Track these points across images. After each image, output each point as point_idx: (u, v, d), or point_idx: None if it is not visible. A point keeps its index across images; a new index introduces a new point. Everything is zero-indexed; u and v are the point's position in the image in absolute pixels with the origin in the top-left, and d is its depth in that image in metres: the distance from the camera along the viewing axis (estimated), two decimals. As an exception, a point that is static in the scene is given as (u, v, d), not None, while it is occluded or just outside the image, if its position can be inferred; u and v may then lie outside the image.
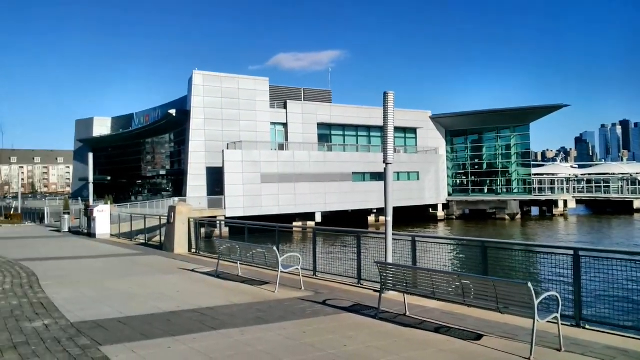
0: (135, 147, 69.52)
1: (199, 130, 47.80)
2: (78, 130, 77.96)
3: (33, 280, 11.34)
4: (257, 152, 46.43)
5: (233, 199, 43.99)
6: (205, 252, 16.43)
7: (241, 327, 7.28)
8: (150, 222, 21.61)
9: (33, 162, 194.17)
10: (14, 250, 17.46)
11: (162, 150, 65.82)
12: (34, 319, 7.79)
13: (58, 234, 25.21)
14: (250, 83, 50.75)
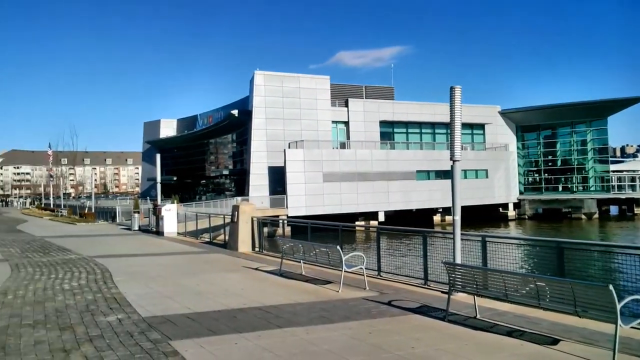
0: (199, 148, 71.97)
1: (261, 130, 48.79)
2: (146, 132, 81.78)
3: (107, 276, 11.98)
4: (318, 151, 46.79)
5: (295, 198, 44.56)
6: (268, 251, 16.73)
7: (306, 326, 7.35)
8: (215, 221, 22.28)
9: (105, 164, 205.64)
10: (89, 247, 18.53)
11: (225, 150, 67.71)
12: (108, 314, 8.23)
13: (129, 232, 26.52)
14: (311, 82, 51.21)
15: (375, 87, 58.35)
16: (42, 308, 8.65)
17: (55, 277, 11.93)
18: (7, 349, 6.32)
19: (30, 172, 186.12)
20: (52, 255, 16.17)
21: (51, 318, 7.95)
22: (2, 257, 16.09)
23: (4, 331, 7.18)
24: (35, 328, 7.35)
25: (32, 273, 12.52)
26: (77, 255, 16.17)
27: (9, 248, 18.73)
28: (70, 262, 14.41)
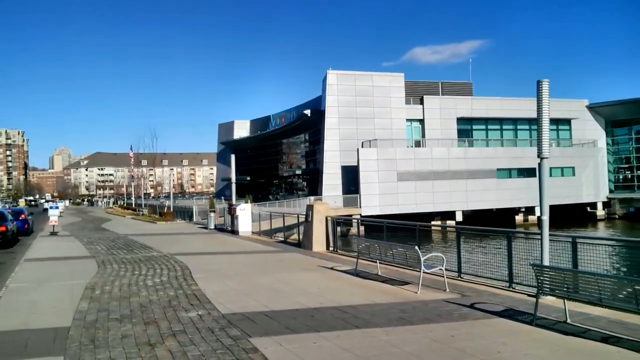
0: (272, 148, 73.53)
1: (334, 129, 49.06)
2: (220, 134, 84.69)
3: (186, 273, 12.48)
4: (392, 149, 46.38)
5: (368, 198, 44.44)
6: (342, 251, 16.77)
7: (385, 327, 7.27)
8: (288, 220, 22.65)
9: (181, 165, 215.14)
10: (169, 245, 19.42)
11: (298, 150, 68.70)
12: (189, 310, 8.56)
13: (205, 230, 27.55)
14: (384, 80, 50.85)
15: (452, 83, 56.97)
16: (127, 303, 9.14)
17: (139, 273, 12.58)
18: (96, 342, 6.72)
19: (113, 173, 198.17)
20: (135, 253, 17.09)
21: (136, 313, 8.38)
22: (89, 254, 17.20)
23: (93, 325, 7.65)
24: (122, 322, 7.78)
25: (117, 269, 13.28)
26: (159, 252, 16.98)
27: (96, 245, 20.00)
28: (152, 260, 15.15)
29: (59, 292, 10.39)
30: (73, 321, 7.84)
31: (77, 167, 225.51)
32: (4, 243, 20.43)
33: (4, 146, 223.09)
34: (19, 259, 16.49)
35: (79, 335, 7.03)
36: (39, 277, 12.39)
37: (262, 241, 21.15)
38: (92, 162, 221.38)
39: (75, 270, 13.51)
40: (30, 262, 15.44)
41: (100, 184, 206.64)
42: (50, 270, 13.61)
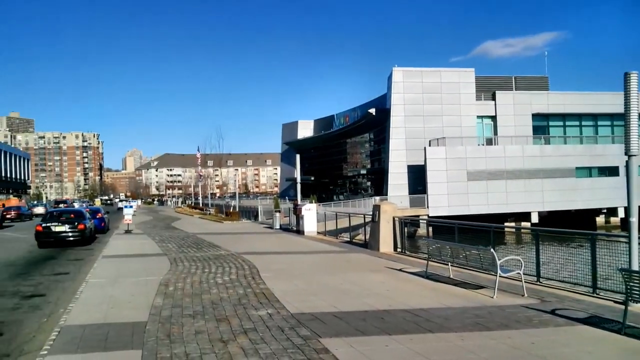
0: (336, 148, 73.76)
1: (399, 128, 48.58)
2: (284, 134, 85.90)
3: (254, 272, 12.75)
4: (462, 148, 45.32)
5: (436, 198, 43.66)
6: (410, 252, 16.57)
7: (459, 332, 7.11)
8: (354, 220, 22.63)
9: (246, 165, 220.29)
10: (236, 244, 19.92)
11: (362, 149, 68.56)
12: (258, 308, 8.74)
13: (271, 230, 28.04)
14: (453, 76, 49.80)
15: (526, 78, 54.87)
16: (199, 300, 9.46)
17: (209, 271, 12.99)
18: (171, 337, 7.00)
19: (181, 173, 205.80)
20: (204, 251, 17.65)
21: (208, 310, 8.65)
22: (161, 251, 17.95)
23: (168, 320, 7.97)
24: (195, 318, 8.05)
25: (188, 267, 13.77)
26: (226, 251, 17.45)
27: (167, 244, 20.83)
28: (221, 258, 15.60)
29: (134, 287, 10.90)
30: (149, 316, 8.20)
31: (148, 167, 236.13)
32: (83, 240, 21.67)
33: (80, 148, 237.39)
34: (96, 255, 17.47)
35: (156, 330, 7.35)
36: (116, 273, 13.06)
37: (327, 241, 21.27)
38: (161, 163, 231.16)
39: (148, 267, 14.14)
40: (107, 258, 16.30)
41: (169, 184, 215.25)
42: (125, 266, 14.31)
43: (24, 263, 16.52)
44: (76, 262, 16.51)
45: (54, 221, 21.98)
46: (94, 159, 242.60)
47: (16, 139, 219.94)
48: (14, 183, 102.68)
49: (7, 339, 7.65)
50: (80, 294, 10.29)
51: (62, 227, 21.57)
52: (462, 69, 50.81)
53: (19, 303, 10.31)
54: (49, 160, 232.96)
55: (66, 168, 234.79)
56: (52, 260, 17.18)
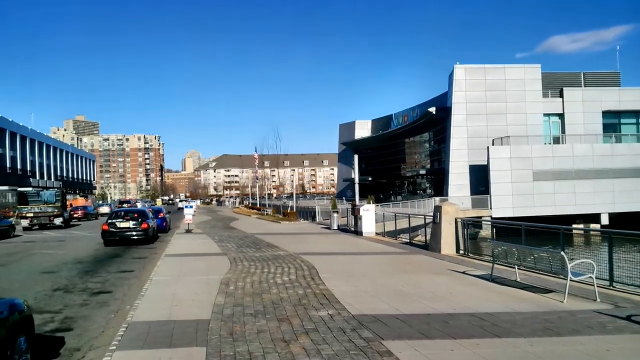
0: (394, 148, 73.14)
1: (461, 126, 47.63)
2: (341, 134, 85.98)
3: (313, 272, 12.83)
4: (527, 147, 43.89)
5: (500, 199, 42.50)
6: (473, 254, 16.20)
7: (528, 337, 6.88)
8: (413, 221, 22.36)
9: (302, 165, 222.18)
10: (294, 244, 20.11)
11: (421, 149, 67.68)
12: (319, 309, 8.78)
13: (328, 231, 28.12)
14: (518, 72, 48.32)
15: (596, 74, 52.46)
16: (260, 299, 9.61)
17: (268, 271, 13.17)
18: (234, 336, 7.15)
19: (238, 174, 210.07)
20: (262, 251, 17.93)
21: (269, 309, 8.78)
22: (221, 251, 18.37)
23: (230, 318, 8.15)
24: (256, 317, 8.19)
25: (248, 267, 14.02)
26: (285, 251, 17.65)
27: (226, 243, 21.30)
28: (280, 258, 15.79)
29: (196, 286, 11.21)
30: (212, 314, 8.41)
31: (206, 168, 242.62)
32: (146, 239, 22.52)
33: (142, 150, 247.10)
34: (159, 254, 18.10)
35: (219, 328, 7.53)
36: (178, 271, 13.48)
37: (386, 242, 21.11)
38: (219, 163, 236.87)
39: (209, 266, 14.51)
40: (170, 257, 16.86)
41: (226, 184, 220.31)
42: (187, 265, 14.75)
43: (91, 260, 17.34)
44: (140, 261, 17.17)
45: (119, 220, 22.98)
46: (155, 160, 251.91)
47: (82, 141, 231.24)
48: (81, 183, 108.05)
49: (77, 334, 8.05)
50: (146, 292, 10.69)
51: (127, 225, 22.53)
52: (527, 65, 49.17)
53: (88, 299, 10.83)
54: (113, 161, 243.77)
55: (129, 169, 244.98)
56: (118, 258, 17.94)
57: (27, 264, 16.87)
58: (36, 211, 36.35)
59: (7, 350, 5.12)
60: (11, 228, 29.60)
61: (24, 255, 19.68)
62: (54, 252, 20.23)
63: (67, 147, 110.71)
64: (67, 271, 14.91)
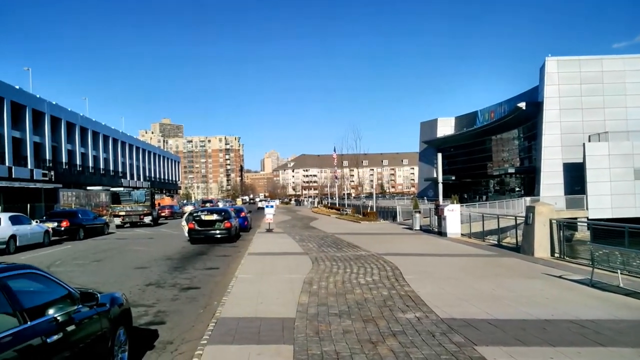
0: (479, 146, 71.08)
1: (554, 122, 45.53)
2: (422, 132, 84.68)
3: (397, 273, 12.70)
4: (628, 143, 41.17)
5: (597, 198, 40.16)
6: (569, 257, 15.39)
7: (637, 348, 6.43)
8: (502, 222, 21.59)
9: (381, 165, 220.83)
10: (375, 244, 20.01)
11: (509, 146, 65.30)
12: (405, 311, 8.67)
13: (410, 231, 27.75)
14: (617, 63, 45.50)
15: None
16: (344, 300, 9.64)
17: (351, 271, 13.19)
18: (320, 335, 7.21)
19: (316, 174, 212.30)
20: (344, 251, 17.99)
21: (353, 310, 8.78)
22: (302, 250, 18.63)
23: (315, 318, 8.23)
24: (341, 318, 8.22)
25: (330, 267, 14.11)
26: (366, 252, 17.61)
27: (307, 243, 21.56)
28: (362, 258, 15.78)
29: (280, 284, 11.42)
30: (297, 313, 8.54)
31: (285, 168, 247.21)
32: (229, 238, 23.29)
33: (223, 151, 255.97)
34: (242, 252, 18.63)
35: (304, 327, 7.63)
36: (262, 269, 13.81)
37: (472, 244, 20.52)
38: (297, 163, 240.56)
39: (291, 265, 14.75)
40: (252, 255, 17.30)
41: (305, 184, 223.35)
42: (270, 264, 15.07)
43: (179, 258, 18.16)
44: (224, 258, 17.77)
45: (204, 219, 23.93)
46: (236, 161, 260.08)
47: (167, 143, 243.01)
48: (167, 184, 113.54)
49: (169, 327, 8.44)
50: (232, 288, 11.03)
51: (212, 223, 23.44)
52: (628, 56, 46.22)
53: (178, 294, 11.34)
54: (196, 162, 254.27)
55: (211, 169, 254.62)
56: (203, 255, 18.67)
57: (121, 260, 17.94)
58: (128, 210, 38.62)
59: (109, 341, 5.46)
60: (105, 226, 31.66)
61: (117, 251, 20.96)
62: (145, 249, 21.37)
63: (154, 149, 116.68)
64: (158, 267, 15.71)
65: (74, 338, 4.68)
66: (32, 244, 22.59)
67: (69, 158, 64.51)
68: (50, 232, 24.85)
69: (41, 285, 4.86)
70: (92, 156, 72.17)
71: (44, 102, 58.23)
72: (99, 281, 12.79)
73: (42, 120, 57.63)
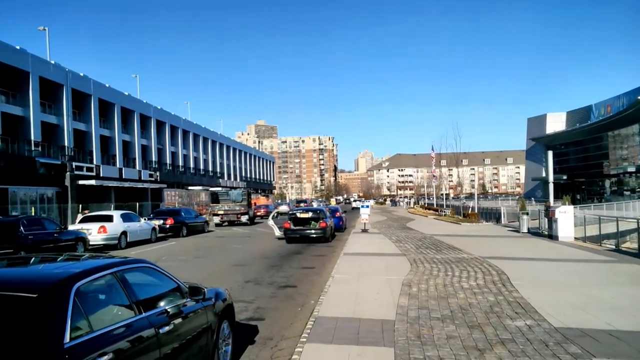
0: (594, 142, 66.84)
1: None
2: (530, 129, 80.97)
3: (504, 278, 12.19)
4: None
5: None
6: None
7: None
8: (622, 225, 20.13)
9: (483, 164, 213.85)
10: (478, 247, 19.35)
11: (629, 143, 60.78)
12: (514, 318, 8.29)
13: (517, 234, 26.58)
14: None
15: None
16: (446, 303, 9.40)
17: (452, 274, 12.85)
18: (422, 339, 7.07)
19: (412, 174, 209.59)
20: (444, 253, 17.57)
21: (457, 314, 8.53)
22: (399, 251, 18.42)
23: (416, 321, 8.09)
24: (444, 322, 8.02)
25: (430, 269, 13.83)
26: (468, 254, 17.09)
27: (404, 244, 21.31)
28: (464, 261, 15.32)
29: (377, 285, 11.36)
30: (396, 315, 8.44)
31: (379, 168, 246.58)
32: (324, 238, 23.56)
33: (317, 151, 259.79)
34: (338, 252, 18.77)
35: (405, 330, 7.52)
36: (358, 270, 13.82)
37: (587, 248, 19.27)
38: (392, 163, 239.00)
39: (388, 266, 14.63)
40: (348, 256, 17.37)
41: (400, 184, 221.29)
42: (366, 264, 15.05)
43: (275, 256, 18.64)
44: (320, 258, 18.00)
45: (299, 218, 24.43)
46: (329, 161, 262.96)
47: (262, 144, 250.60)
48: (262, 183, 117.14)
49: (268, 324, 8.67)
50: (328, 288, 11.13)
51: (307, 223, 23.87)
52: None
53: (275, 292, 11.63)
54: (290, 162, 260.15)
55: (304, 169, 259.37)
56: (299, 255, 19.02)
57: (221, 257, 18.73)
58: (226, 209, 40.32)
59: (214, 334, 5.70)
60: (206, 224, 33.29)
61: (217, 249, 21.91)
62: (243, 247, 22.17)
63: (250, 149, 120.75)
64: (255, 265, 16.22)
65: (183, 330, 4.93)
66: (140, 240, 24.28)
67: (172, 159, 68.42)
68: (157, 230, 26.55)
69: (153, 278, 5.17)
70: (193, 157, 76.06)
71: (150, 107, 62.27)
72: (201, 276, 13.40)
73: (149, 124, 61.68)
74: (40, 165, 39.89)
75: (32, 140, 40.74)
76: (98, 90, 50.44)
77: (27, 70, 40.24)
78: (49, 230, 18.69)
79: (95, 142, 49.71)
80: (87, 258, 5.07)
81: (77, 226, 22.67)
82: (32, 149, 40.66)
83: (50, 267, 4.86)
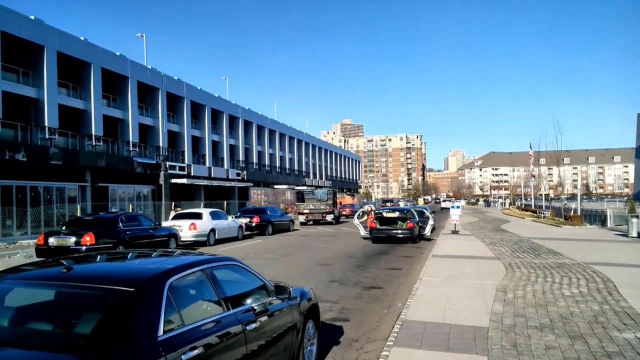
0: None
1: None
2: None
3: (610, 286, 11.44)
4: None
5: None
6: None
7: None
8: None
9: (586, 163, 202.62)
10: (580, 252, 18.30)
11: None
12: (622, 329, 7.75)
13: (624, 238, 24.91)
14: None
15: None
16: (545, 311, 8.95)
17: (552, 281, 12.23)
18: (518, 348, 6.76)
19: (507, 173, 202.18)
20: (542, 258, 16.77)
21: (557, 324, 8.10)
22: (493, 254, 17.80)
23: (511, 329, 7.75)
24: (542, 331, 7.63)
25: (527, 274, 13.24)
26: (570, 260, 16.20)
27: (498, 247, 20.57)
28: (565, 267, 14.55)
29: (468, 290, 11.03)
30: (490, 322, 8.14)
31: (471, 167, 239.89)
32: (411, 238, 23.24)
33: (404, 150, 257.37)
34: (426, 254, 18.45)
35: (499, 338, 7.23)
36: (448, 273, 13.49)
37: None
38: (485, 162, 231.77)
39: (481, 270, 14.16)
40: (437, 258, 17.01)
41: (494, 184, 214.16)
42: (457, 267, 14.66)
43: (360, 256, 18.62)
44: (407, 259, 17.76)
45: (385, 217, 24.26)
46: (417, 160, 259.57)
47: (348, 143, 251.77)
48: (347, 182, 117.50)
49: (354, 325, 8.65)
50: (416, 291, 10.94)
51: (393, 224, 23.66)
52: None
53: (361, 293, 11.60)
54: (376, 161, 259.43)
55: (391, 168, 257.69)
56: (385, 255, 18.88)
57: (306, 256, 18.98)
58: (311, 208, 40.84)
59: (299, 333, 5.77)
60: (291, 223, 33.88)
61: (302, 247, 22.22)
62: (327, 247, 22.34)
63: (336, 148, 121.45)
64: (340, 265, 16.28)
65: (268, 328, 5.01)
66: (228, 238, 25.14)
67: (258, 158, 70.25)
68: (244, 227, 27.37)
69: (240, 276, 5.30)
70: (279, 156, 77.66)
71: (238, 108, 64.37)
72: (286, 275, 13.64)
73: (237, 124, 63.76)
74: (138, 165, 42.32)
75: (130, 141, 43.27)
76: (190, 92, 52.76)
77: (126, 75, 42.81)
78: (145, 226, 19.72)
79: (187, 142, 52.04)
80: (179, 254, 5.28)
81: (169, 223, 23.80)
82: (130, 149, 43.19)
83: (146, 262, 5.15)
